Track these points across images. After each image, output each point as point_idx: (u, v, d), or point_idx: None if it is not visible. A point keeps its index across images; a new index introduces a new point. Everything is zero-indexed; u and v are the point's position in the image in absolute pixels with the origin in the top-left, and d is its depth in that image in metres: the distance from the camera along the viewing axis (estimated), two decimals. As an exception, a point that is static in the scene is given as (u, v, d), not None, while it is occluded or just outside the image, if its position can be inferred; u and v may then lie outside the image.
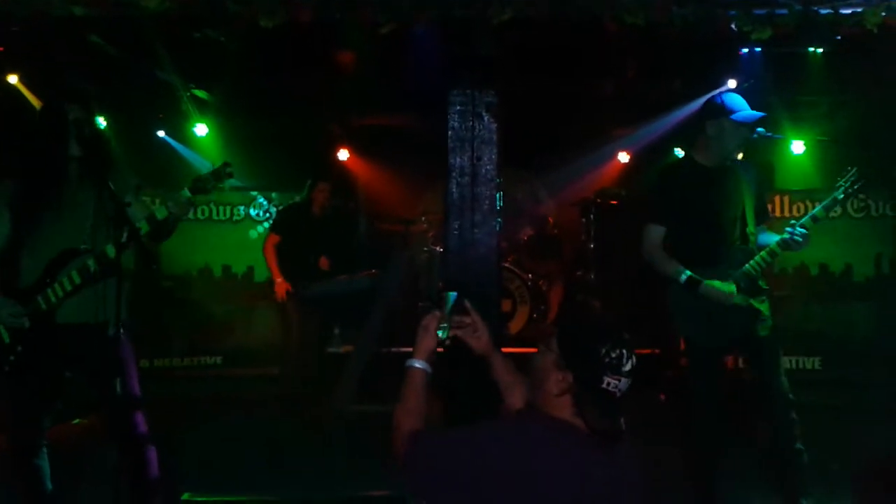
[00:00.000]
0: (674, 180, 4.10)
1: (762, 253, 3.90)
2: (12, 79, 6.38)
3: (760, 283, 3.97)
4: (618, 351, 2.20)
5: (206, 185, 3.48)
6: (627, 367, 2.21)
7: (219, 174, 3.48)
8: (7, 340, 3.44)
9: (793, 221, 3.89)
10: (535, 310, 8.15)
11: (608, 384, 2.20)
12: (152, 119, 8.40)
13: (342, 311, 7.20)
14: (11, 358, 3.43)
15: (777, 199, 8.00)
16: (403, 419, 2.47)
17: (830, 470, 4.37)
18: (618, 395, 2.21)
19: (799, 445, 3.84)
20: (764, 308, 3.96)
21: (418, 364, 2.59)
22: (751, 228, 3.98)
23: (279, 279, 6.73)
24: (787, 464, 3.88)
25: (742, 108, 3.93)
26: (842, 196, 3.91)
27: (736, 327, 3.92)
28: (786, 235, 3.86)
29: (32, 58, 5.92)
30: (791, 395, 3.87)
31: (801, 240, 3.83)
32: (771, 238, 3.96)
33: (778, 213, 7.78)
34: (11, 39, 4.84)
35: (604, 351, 2.20)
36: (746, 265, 3.90)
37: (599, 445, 2.21)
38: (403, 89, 5.84)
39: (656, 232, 4.11)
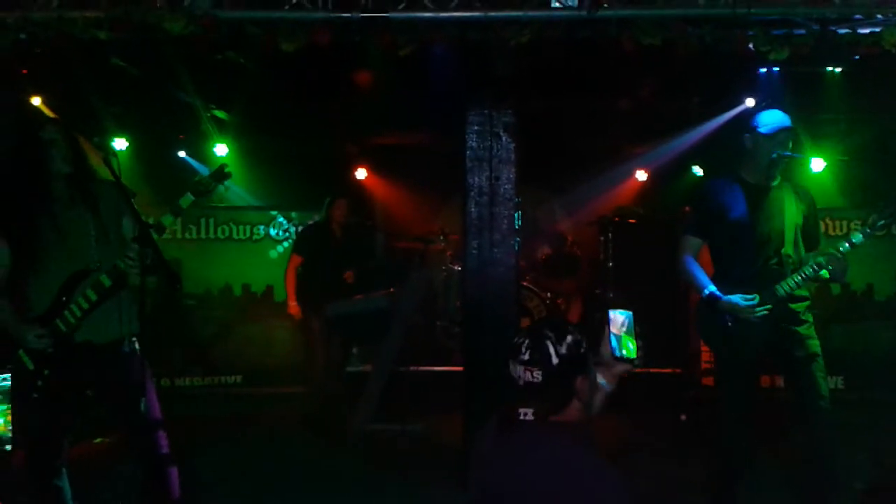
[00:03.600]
0: (713, 192, 4.09)
1: (794, 276, 3.88)
2: (36, 101, 6.46)
3: (795, 306, 3.94)
4: (520, 339, 2.31)
5: (206, 186, 3.52)
6: (525, 357, 2.27)
7: (218, 175, 3.52)
8: (31, 367, 3.46)
9: (830, 249, 3.86)
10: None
11: (510, 368, 2.30)
12: (173, 139, 8.49)
13: (360, 330, 7.20)
14: (39, 383, 3.46)
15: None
16: None
17: (853, 489, 4.32)
18: (519, 382, 2.27)
19: (834, 468, 3.81)
20: (803, 330, 3.93)
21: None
22: (788, 250, 3.93)
23: (293, 302, 6.79)
24: (821, 486, 3.85)
25: (773, 122, 3.92)
26: (881, 223, 3.88)
27: (762, 345, 3.89)
28: (820, 259, 3.84)
29: (55, 80, 6.00)
30: (828, 419, 3.84)
31: (835, 265, 3.81)
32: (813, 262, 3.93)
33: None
34: (35, 62, 4.91)
35: (516, 339, 2.33)
36: (777, 285, 3.88)
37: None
38: (422, 109, 5.86)
39: (689, 243, 4.12)
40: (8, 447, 2.28)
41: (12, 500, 3.63)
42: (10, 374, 2.89)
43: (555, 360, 2.25)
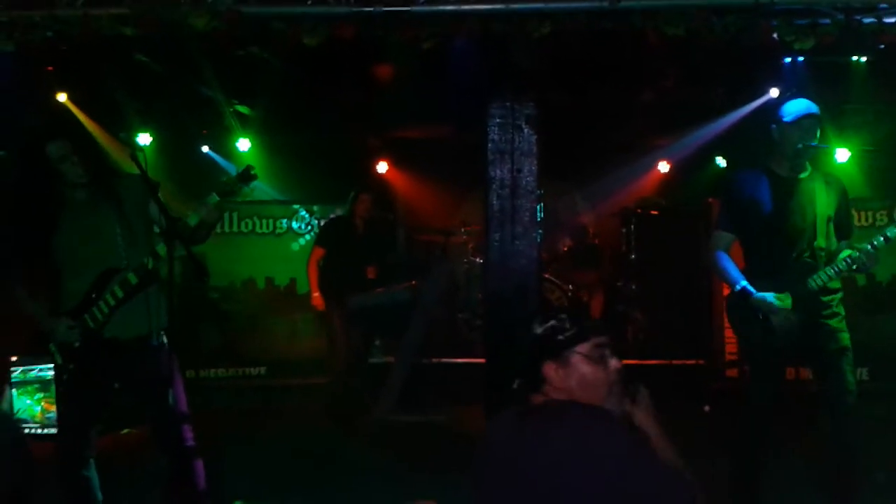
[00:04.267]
0: (743, 186, 4.03)
1: (826, 269, 3.85)
2: (61, 97, 6.54)
3: (827, 298, 3.91)
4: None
5: (232, 187, 3.54)
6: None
7: (244, 176, 3.54)
8: (60, 361, 3.53)
9: (865, 245, 3.81)
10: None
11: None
12: (196, 135, 8.55)
13: (382, 323, 7.24)
14: (65, 377, 3.53)
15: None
16: None
17: (877, 480, 4.29)
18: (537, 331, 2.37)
19: (858, 460, 3.79)
20: (834, 323, 3.90)
21: None
22: (820, 243, 3.88)
23: (316, 293, 6.84)
24: (845, 478, 3.83)
25: (799, 111, 3.87)
26: None
27: (793, 337, 3.87)
28: (854, 254, 3.80)
29: (81, 77, 6.07)
30: (854, 413, 3.81)
31: (866, 260, 3.78)
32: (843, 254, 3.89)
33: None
34: (62, 59, 4.97)
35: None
36: (809, 279, 3.85)
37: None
38: (443, 102, 5.87)
39: (719, 238, 4.09)
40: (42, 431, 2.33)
41: (42, 490, 3.69)
42: (45, 365, 2.94)
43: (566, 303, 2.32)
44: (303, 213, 8.75)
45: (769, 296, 3.84)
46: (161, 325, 3.60)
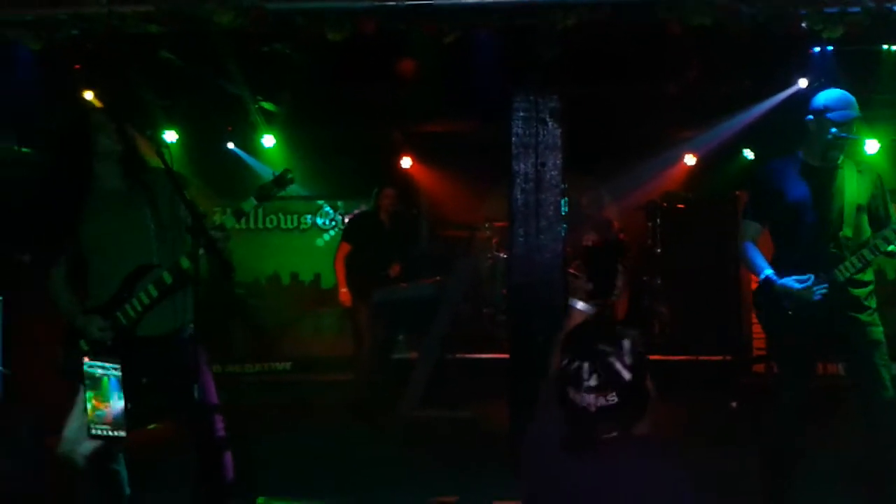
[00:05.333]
0: (772, 176, 3.99)
1: (852, 258, 3.78)
2: (88, 95, 6.60)
3: (857, 291, 3.84)
4: (577, 364, 2.07)
5: (269, 192, 3.55)
6: (592, 383, 2.04)
7: (280, 180, 3.54)
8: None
9: (887, 233, 3.76)
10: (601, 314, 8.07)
11: (572, 396, 2.06)
12: (222, 131, 8.60)
13: (407, 318, 7.25)
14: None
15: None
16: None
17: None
18: (591, 409, 2.05)
19: (892, 458, 3.73)
20: (864, 316, 3.83)
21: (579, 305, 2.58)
22: (846, 233, 3.79)
23: (344, 289, 6.85)
24: (880, 476, 3.77)
25: (841, 106, 3.79)
26: None
27: (822, 332, 3.81)
28: (879, 242, 3.74)
29: (107, 74, 6.11)
30: (890, 410, 3.74)
31: (891, 248, 3.71)
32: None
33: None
34: (87, 57, 5.01)
35: (564, 361, 2.10)
36: (835, 270, 3.79)
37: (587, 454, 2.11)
38: (467, 96, 5.85)
39: (749, 227, 4.04)
40: (95, 431, 2.36)
41: (72, 484, 3.72)
42: (95, 362, 2.93)
43: (627, 376, 2.04)
44: (327, 208, 8.79)
45: (789, 280, 3.78)
46: (189, 318, 3.62)
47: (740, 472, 4.44)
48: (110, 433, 2.02)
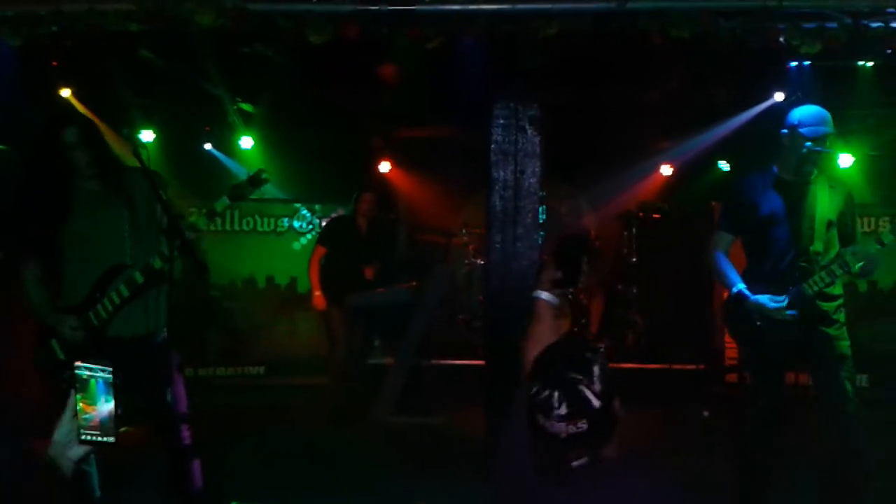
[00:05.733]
0: (746, 188, 4.04)
1: (821, 273, 3.82)
2: (65, 92, 6.53)
3: (826, 305, 3.89)
4: (547, 392, 2.04)
5: (243, 191, 3.52)
6: (562, 412, 2.01)
7: (255, 180, 3.52)
8: (62, 357, 3.52)
9: (858, 248, 3.81)
10: (575, 323, 8.10)
11: (542, 424, 2.04)
12: (200, 131, 8.54)
13: (382, 323, 7.23)
14: (66, 374, 3.50)
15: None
16: (528, 347, 2.39)
17: (875, 488, 4.28)
18: (561, 436, 2.02)
19: (859, 468, 3.78)
20: (832, 330, 3.88)
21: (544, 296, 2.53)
22: (816, 247, 3.85)
23: (318, 292, 6.81)
24: (846, 486, 3.82)
25: (815, 122, 3.84)
26: None
27: (790, 344, 3.86)
28: (848, 258, 3.79)
29: (85, 72, 6.05)
30: (853, 421, 3.80)
31: (864, 265, 3.76)
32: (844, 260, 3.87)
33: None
34: (66, 54, 4.96)
35: (534, 389, 2.07)
36: (804, 284, 3.83)
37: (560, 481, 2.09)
38: (447, 102, 5.86)
39: (721, 238, 4.10)
40: (84, 436, 2.33)
41: (43, 484, 3.68)
42: (85, 364, 2.89)
43: (596, 403, 2.02)
44: (304, 211, 8.74)
45: (764, 298, 3.83)
46: (162, 323, 3.59)
47: (714, 481, 4.47)
48: (99, 438, 1.99)
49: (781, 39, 4.10)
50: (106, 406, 2.05)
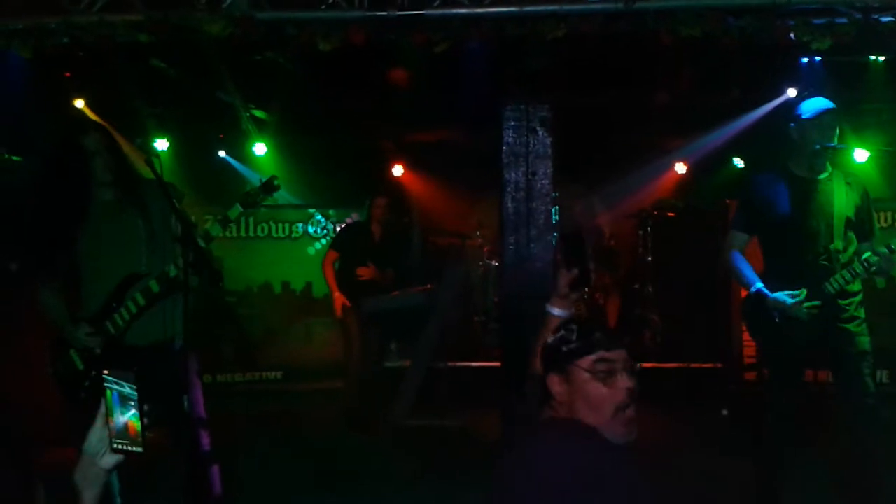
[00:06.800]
0: (759, 186, 4.02)
1: (843, 272, 3.80)
2: (79, 103, 6.59)
3: (845, 302, 3.86)
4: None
5: (255, 198, 3.53)
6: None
7: (267, 187, 3.53)
8: (81, 367, 3.54)
9: (882, 248, 3.77)
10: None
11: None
12: (213, 139, 8.60)
13: (398, 327, 7.24)
14: (87, 384, 3.53)
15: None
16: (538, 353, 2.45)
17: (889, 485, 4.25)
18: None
19: (880, 465, 3.75)
20: (852, 327, 3.85)
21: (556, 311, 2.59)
22: (836, 245, 3.83)
23: (336, 293, 6.80)
24: (866, 483, 3.79)
25: (819, 110, 3.83)
26: None
27: (810, 341, 3.83)
28: (872, 257, 3.76)
29: (98, 83, 6.11)
30: (874, 418, 3.77)
31: (884, 263, 3.73)
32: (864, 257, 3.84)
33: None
34: (78, 65, 5.01)
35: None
36: (825, 283, 3.81)
37: (617, 447, 2.13)
38: (458, 105, 5.86)
39: (735, 238, 4.07)
40: (116, 445, 2.35)
41: (63, 495, 3.71)
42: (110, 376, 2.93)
43: None
44: (318, 217, 8.77)
45: (782, 295, 3.81)
46: (179, 330, 3.60)
47: (733, 480, 4.45)
48: (129, 448, 2.01)
49: (791, 36, 4.08)
50: (121, 419, 2.06)
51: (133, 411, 2.10)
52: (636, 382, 2.18)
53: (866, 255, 3.78)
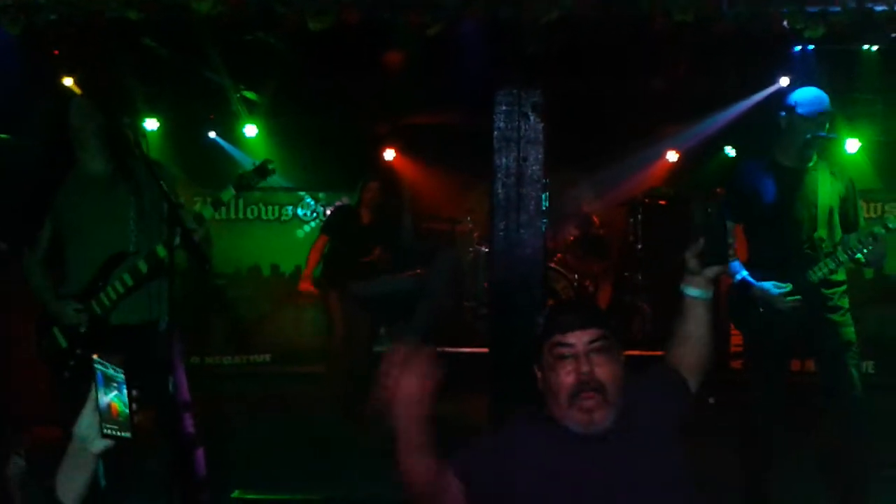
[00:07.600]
0: (745, 175, 4.04)
1: (826, 261, 3.81)
2: (68, 81, 6.52)
3: (829, 291, 3.86)
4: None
5: (249, 181, 3.52)
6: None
7: (261, 170, 3.52)
8: (65, 345, 3.52)
9: (864, 233, 3.79)
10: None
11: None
12: (203, 120, 8.54)
13: (387, 311, 7.22)
14: (71, 363, 3.51)
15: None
16: None
17: (881, 475, 4.27)
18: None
19: (864, 455, 3.77)
20: (836, 317, 3.87)
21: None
22: (820, 234, 3.85)
23: (306, 279, 6.78)
24: (851, 472, 3.81)
25: (812, 103, 3.84)
26: None
27: (794, 330, 3.84)
28: (854, 244, 3.77)
29: (87, 61, 6.04)
30: (858, 407, 3.78)
31: (869, 252, 3.74)
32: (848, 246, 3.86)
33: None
34: (67, 43, 4.94)
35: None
36: (809, 271, 3.81)
37: (594, 442, 2.11)
38: (449, 89, 5.83)
39: None
40: (106, 430, 2.32)
41: (48, 475, 3.69)
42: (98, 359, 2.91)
43: None
44: (308, 200, 8.74)
45: (768, 284, 3.81)
46: (165, 310, 3.58)
47: (719, 468, 4.46)
48: (118, 433, 1.99)
49: (785, 24, 4.06)
50: (105, 398, 2.04)
51: (115, 392, 2.08)
52: (606, 368, 2.14)
53: (851, 242, 3.79)
